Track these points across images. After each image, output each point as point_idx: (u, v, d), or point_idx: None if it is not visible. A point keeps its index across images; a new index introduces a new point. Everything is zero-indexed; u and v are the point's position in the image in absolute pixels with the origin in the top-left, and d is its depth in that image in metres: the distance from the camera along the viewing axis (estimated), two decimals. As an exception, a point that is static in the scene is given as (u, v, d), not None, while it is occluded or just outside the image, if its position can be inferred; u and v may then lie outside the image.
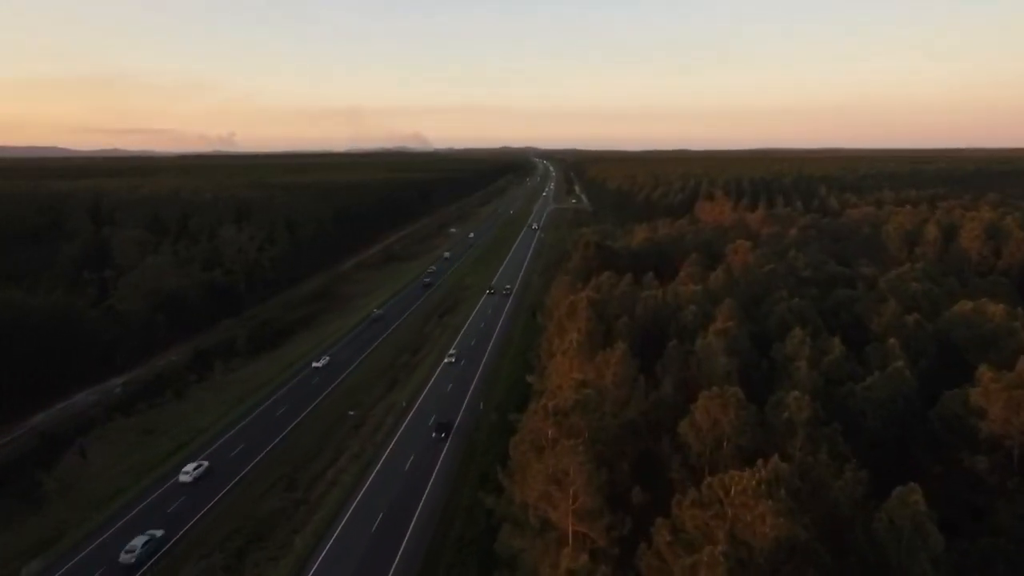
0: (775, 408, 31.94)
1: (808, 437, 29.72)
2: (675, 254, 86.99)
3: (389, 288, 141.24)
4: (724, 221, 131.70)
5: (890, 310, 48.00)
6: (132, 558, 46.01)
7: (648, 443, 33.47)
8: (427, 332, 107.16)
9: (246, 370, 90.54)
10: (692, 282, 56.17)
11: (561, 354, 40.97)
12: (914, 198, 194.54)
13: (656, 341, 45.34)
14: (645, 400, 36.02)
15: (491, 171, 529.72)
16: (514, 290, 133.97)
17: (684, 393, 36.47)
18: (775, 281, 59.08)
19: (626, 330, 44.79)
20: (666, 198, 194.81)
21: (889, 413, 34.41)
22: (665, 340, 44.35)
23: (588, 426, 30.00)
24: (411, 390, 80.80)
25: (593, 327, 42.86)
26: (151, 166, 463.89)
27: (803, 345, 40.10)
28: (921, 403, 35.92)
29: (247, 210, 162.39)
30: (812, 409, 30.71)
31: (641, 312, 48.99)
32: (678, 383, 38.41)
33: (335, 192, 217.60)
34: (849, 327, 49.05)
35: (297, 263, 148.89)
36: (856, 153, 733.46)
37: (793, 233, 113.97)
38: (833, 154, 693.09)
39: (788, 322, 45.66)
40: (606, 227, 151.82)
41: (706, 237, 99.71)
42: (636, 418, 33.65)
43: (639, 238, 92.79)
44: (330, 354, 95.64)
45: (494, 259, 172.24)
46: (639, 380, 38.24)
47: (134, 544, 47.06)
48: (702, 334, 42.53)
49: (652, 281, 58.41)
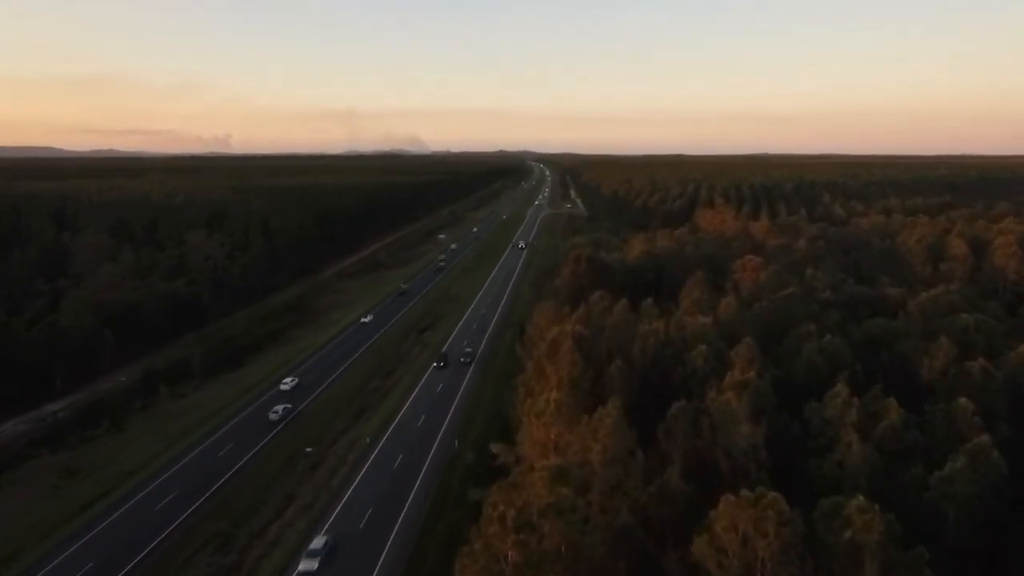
0: (829, 519, 23.33)
1: (883, 569, 21.17)
2: (676, 269, 78.48)
3: (369, 299, 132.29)
4: (726, 230, 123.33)
5: (943, 351, 39.62)
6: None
7: (648, 552, 24.90)
8: (404, 351, 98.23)
9: (199, 395, 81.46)
10: (699, 310, 47.75)
11: (535, 417, 32.50)
12: (922, 206, 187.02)
13: (657, 391, 36.94)
14: (644, 491, 27.41)
15: (486, 175, 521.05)
16: (501, 303, 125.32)
17: (698, 481, 28.02)
18: (795, 308, 50.69)
19: (621, 379, 36.30)
20: (664, 204, 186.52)
21: (978, 515, 25.96)
22: (669, 391, 35.98)
23: (565, 538, 21.56)
24: (379, 421, 71.95)
25: (578, 374, 34.40)
26: (137, 167, 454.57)
27: (849, 408, 31.62)
28: (1012, 493, 27.49)
29: (222, 214, 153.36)
30: (885, 524, 22.18)
31: (639, 353, 40.46)
32: (688, 464, 29.83)
33: (320, 195, 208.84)
34: (892, 371, 40.64)
35: (272, 271, 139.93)
36: (853, 159, 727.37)
37: (802, 245, 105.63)
38: (830, 160, 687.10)
39: (818, 366, 37.31)
40: (600, 235, 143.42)
41: (708, 250, 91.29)
42: (631, 524, 25.07)
43: (636, 250, 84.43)
44: (299, 374, 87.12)
45: (484, 267, 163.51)
46: (637, 456, 29.63)
47: None
48: (715, 384, 34.15)
49: (651, 309, 49.89)
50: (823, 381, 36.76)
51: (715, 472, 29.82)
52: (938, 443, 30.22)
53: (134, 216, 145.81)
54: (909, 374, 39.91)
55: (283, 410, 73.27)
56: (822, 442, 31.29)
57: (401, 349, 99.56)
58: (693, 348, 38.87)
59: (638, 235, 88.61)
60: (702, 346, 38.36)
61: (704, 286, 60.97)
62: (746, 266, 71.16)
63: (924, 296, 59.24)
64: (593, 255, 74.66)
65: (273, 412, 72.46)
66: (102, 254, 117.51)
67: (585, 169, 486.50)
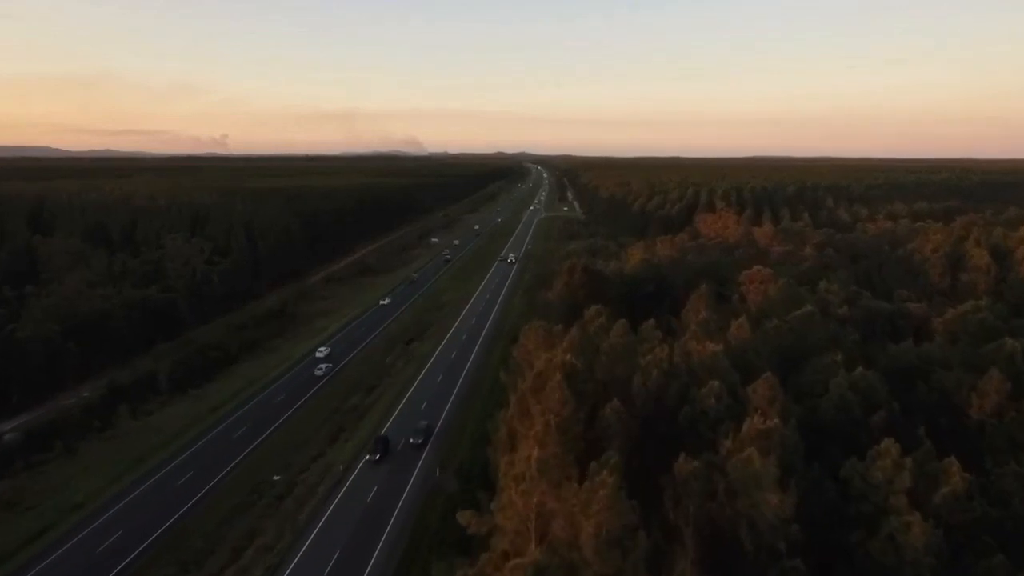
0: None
1: None
2: (677, 280, 72.98)
3: (355, 307, 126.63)
4: (728, 236, 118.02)
5: (994, 387, 34.23)
6: None
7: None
8: (388, 364, 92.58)
9: (164, 414, 75.62)
10: (707, 333, 42.28)
11: (514, 481, 26.97)
12: (928, 211, 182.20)
13: (662, 436, 31.42)
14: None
15: (482, 177, 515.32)
16: (492, 313, 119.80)
17: (715, 563, 22.57)
18: (814, 329, 45.26)
19: (619, 425, 30.68)
20: (663, 208, 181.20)
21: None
22: (675, 436, 30.52)
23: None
24: (356, 445, 66.29)
25: (568, 415, 28.83)
26: (130, 167, 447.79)
27: (901, 471, 26.11)
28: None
29: (204, 217, 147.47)
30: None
31: (640, 389, 34.91)
32: (703, 539, 24.28)
33: (310, 197, 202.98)
34: (933, 409, 35.22)
35: (255, 277, 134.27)
36: (851, 162, 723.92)
37: (808, 252, 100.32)
38: (828, 163, 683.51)
39: (849, 403, 31.93)
40: (597, 241, 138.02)
41: (711, 258, 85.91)
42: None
43: (635, 259, 79.05)
44: (279, 386, 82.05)
45: (475, 274, 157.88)
46: (639, 537, 23.96)
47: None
48: (731, 429, 28.70)
49: (653, 331, 44.35)
50: (856, 422, 31.32)
51: (736, 551, 24.33)
52: (1013, 516, 24.85)
53: (113, 219, 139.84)
54: (953, 413, 34.54)
55: (246, 431, 67.70)
56: (866, 510, 25.80)
57: (387, 361, 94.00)
58: (703, 383, 33.30)
59: (637, 242, 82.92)
60: (713, 382, 32.85)
61: (709, 301, 55.58)
62: (754, 278, 65.73)
63: (951, 313, 53.88)
64: (588, 265, 69.16)
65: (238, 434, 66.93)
66: (73, 259, 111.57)
67: (582, 171, 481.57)
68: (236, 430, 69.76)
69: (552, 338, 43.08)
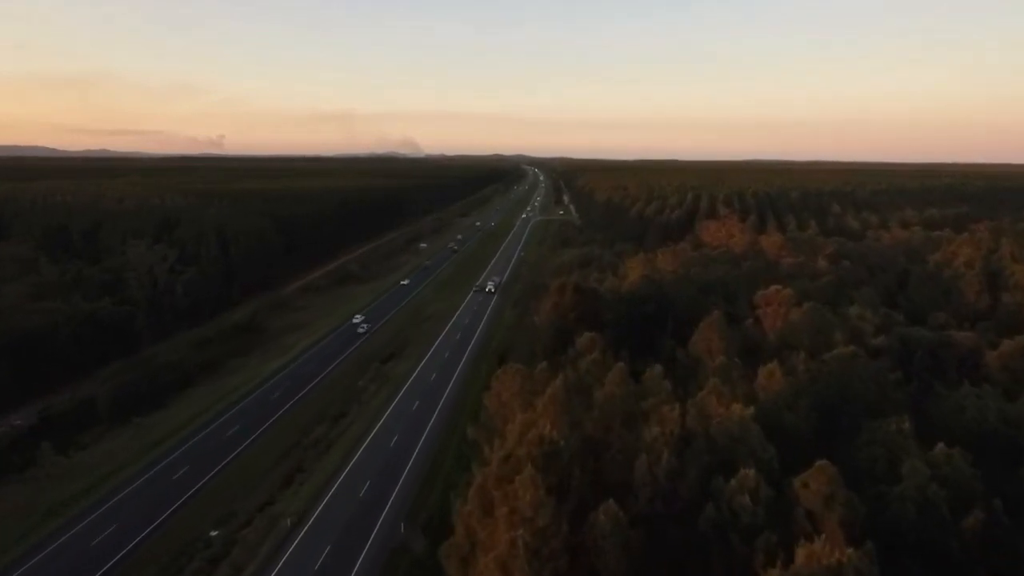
0: None
1: None
2: (681, 299, 64.41)
3: (332, 319, 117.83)
4: (733, 245, 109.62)
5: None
6: None
7: None
8: (360, 387, 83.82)
9: (99, 448, 66.70)
10: (728, 385, 33.48)
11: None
12: (939, 219, 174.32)
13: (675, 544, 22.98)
14: None
15: (477, 179, 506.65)
16: (480, 327, 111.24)
17: None
18: (858, 375, 36.68)
19: (614, 536, 21.91)
20: (661, 214, 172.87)
21: None
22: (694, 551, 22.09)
23: None
24: (313, 489, 57.56)
25: (543, 529, 20.38)
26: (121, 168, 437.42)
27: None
28: None
29: (175, 221, 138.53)
30: None
31: (645, 477, 26.08)
32: None
33: (292, 200, 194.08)
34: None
35: (227, 286, 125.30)
36: (849, 166, 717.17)
37: (823, 265, 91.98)
38: (827, 167, 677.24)
39: (935, 502, 23.39)
40: (593, 249, 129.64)
41: (718, 272, 77.51)
42: None
43: (634, 275, 70.50)
44: (235, 413, 73.60)
45: (463, 283, 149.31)
46: None
47: None
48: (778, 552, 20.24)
49: (659, 381, 35.68)
50: (943, 527, 22.75)
51: None
52: None
53: (76, 222, 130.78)
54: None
55: (188, 471, 58.95)
56: None
57: (359, 383, 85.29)
58: (730, 466, 24.81)
59: (635, 252, 74.38)
60: (747, 471, 24.23)
61: (721, 329, 47.16)
62: (771, 299, 57.27)
63: (1008, 345, 45.54)
64: (581, 284, 60.54)
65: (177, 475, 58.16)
66: (21, 267, 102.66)
67: (579, 174, 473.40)
68: (177, 469, 60.93)
69: (532, 384, 34.66)
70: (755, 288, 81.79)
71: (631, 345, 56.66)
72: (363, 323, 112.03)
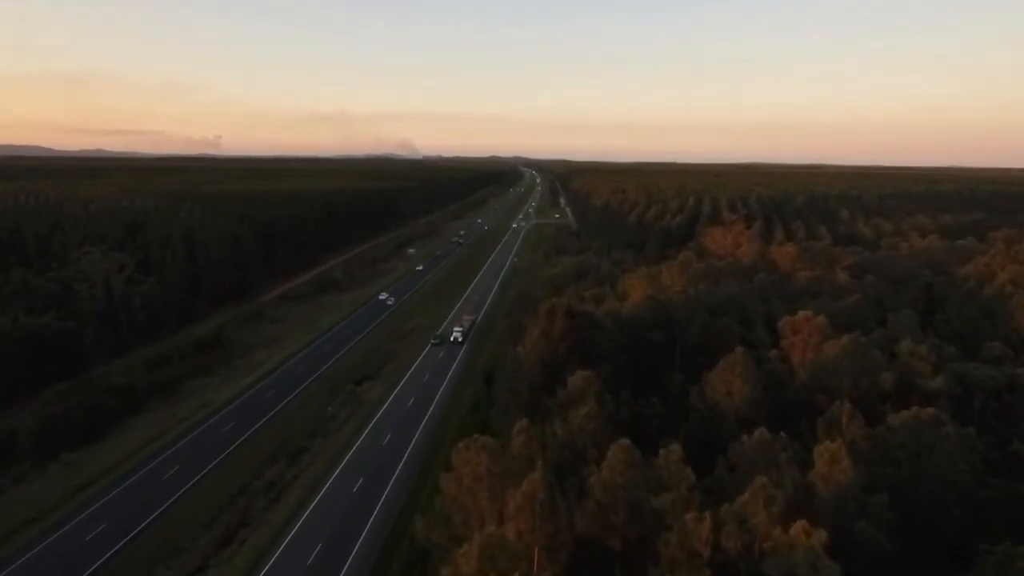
0: None
1: None
2: (691, 323, 55.53)
3: (309, 332, 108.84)
4: (742, 255, 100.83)
5: None
6: None
7: None
8: (329, 415, 74.81)
9: (15, 493, 57.53)
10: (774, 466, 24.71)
11: None
12: (956, 226, 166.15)
13: None
14: None
15: (473, 181, 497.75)
16: (466, 344, 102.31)
17: None
18: (947, 455, 28.00)
19: None
20: (662, 219, 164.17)
21: None
22: None
23: None
24: (253, 552, 48.50)
25: None
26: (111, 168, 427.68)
27: None
28: None
29: (141, 225, 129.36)
30: None
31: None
32: None
33: (273, 202, 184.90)
34: None
35: (194, 297, 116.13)
36: (848, 170, 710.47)
37: (843, 278, 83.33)
38: (826, 170, 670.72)
39: None
40: (589, 257, 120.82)
41: (730, 289, 68.75)
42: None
43: (636, 294, 61.41)
44: (180, 447, 64.70)
45: (450, 293, 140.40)
46: None
47: None
48: None
49: (681, 469, 26.66)
50: None
51: None
52: None
53: (30, 226, 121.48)
54: None
55: (109, 527, 49.89)
56: None
57: (328, 409, 76.33)
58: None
59: (637, 270, 65.17)
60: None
61: (747, 372, 38.41)
62: (799, 327, 48.41)
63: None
64: (574, 306, 51.50)
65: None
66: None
67: (576, 176, 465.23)
68: (98, 523, 51.83)
69: (505, 462, 25.78)
70: (770, 305, 73.07)
71: (633, 381, 47.84)
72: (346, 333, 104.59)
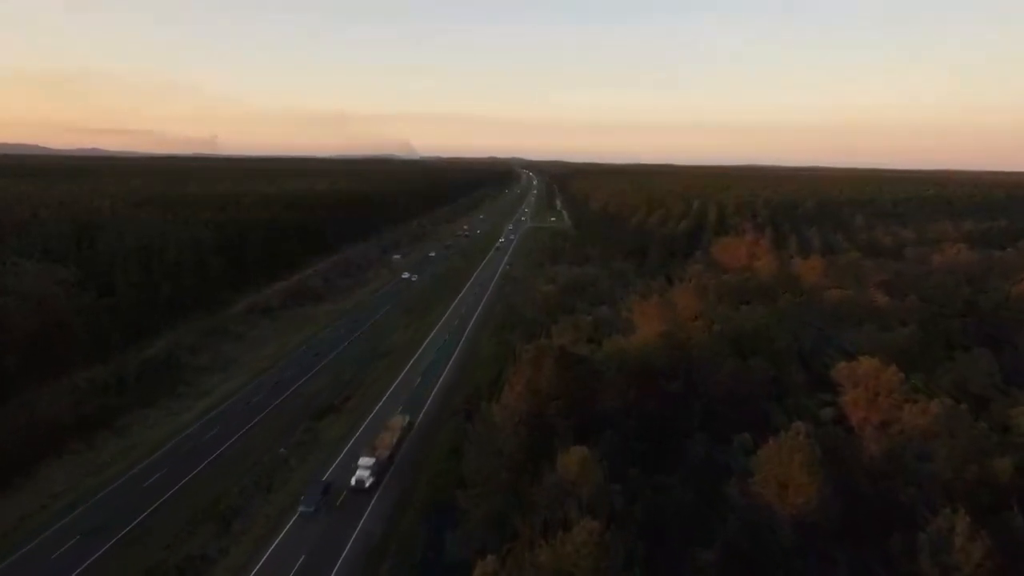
0: None
1: None
2: (717, 371, 44.01)
3: (272, 351, 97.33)
4: (760, 270, 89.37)
5: None
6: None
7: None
8: (278, 461, 63.14)
9: None
10: None
11: None
12: (979, 233, 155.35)
13: None
14: None
15: (469, 182, 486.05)
16: (448, 366, 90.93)
17: None
18: None
19: None
20: (665, 226, 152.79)
21: None
22: None
23: None
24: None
25: None
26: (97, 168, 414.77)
27: None
28: None
29: (93, 231, 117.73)
30: None
31: None
32: None
33: (254, 205, 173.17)
34: None
35: (147, 311, 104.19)
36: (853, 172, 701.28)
37: (882, 299, 72.00)
38: (828, 172, 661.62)
39: None
40: (587, 269, 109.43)
41: (759, 319, 57.45)
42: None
43: (647, 329, 49.33)
44: (96, 502, 53.38)
45: (436, 304, 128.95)
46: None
47: None
48: None
49: None
50: None
51: None
52: None
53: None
54: None
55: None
56: None
57: (278, 452, 64.79)
58: None
59: (646, 297, 52.94)
60: None
61: (806, 458, 27.25)
62: (859, 378, 37.01)
63: None
64: (567, 351, 39.52)
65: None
66: None
67: (573, 177, 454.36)
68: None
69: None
70: (802, 334, 61.85)
71: (644, 448, 36.43)
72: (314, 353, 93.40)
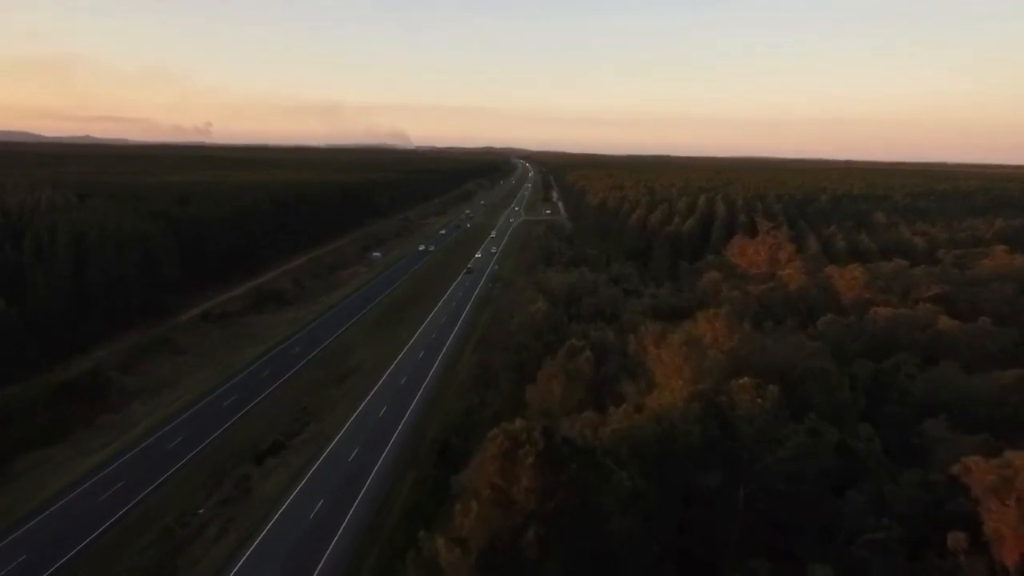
0: None
1: None
2: (771, 452, 30.70)
3: (217, 370, 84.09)
4: (789, 280, 76.17)
5: None
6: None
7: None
8: (191, 531, 49.94)
9: None
10: None
11: None
12: (1011, 231, 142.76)
13: None
14: None
15: (464, 172, 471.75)
16: (420, 391, 77.90)
17: None
18: None
19: None
20: (670, 223, 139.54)
21: None
22: None
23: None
24: None
25: None
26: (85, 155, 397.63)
27: None
28: None
29: (22, 225, 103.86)
30: None
31: None
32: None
33: (220, 196, 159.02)
34: None
35: (79, 321, 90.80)
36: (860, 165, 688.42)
37: (945, 323, 58.99)
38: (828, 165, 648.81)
39: None
40: (584, 272, 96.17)
41: (786, 349, 44.54)
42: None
43: (671, 386, 35.04)
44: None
45: (410, 313, 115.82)
46: None
47: None
48: None
49: None
50: None
51: None
52: None
53: None
54: None
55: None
56: None
57: (197, 513, 51.68)
58: None
59: (668, 341, 40.25)
60: None
61: None
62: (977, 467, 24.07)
63: None
64: (556, 439, 25.30)
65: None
66: None
67: (569, 169, 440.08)
68: None
69: None
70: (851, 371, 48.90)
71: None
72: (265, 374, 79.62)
